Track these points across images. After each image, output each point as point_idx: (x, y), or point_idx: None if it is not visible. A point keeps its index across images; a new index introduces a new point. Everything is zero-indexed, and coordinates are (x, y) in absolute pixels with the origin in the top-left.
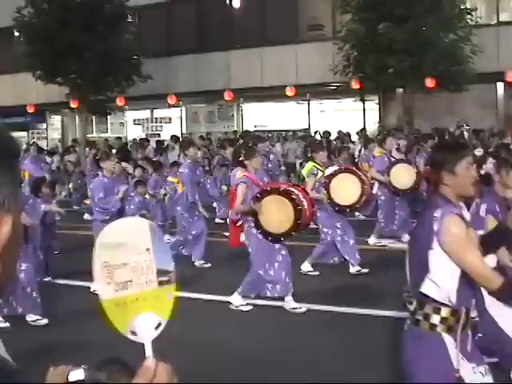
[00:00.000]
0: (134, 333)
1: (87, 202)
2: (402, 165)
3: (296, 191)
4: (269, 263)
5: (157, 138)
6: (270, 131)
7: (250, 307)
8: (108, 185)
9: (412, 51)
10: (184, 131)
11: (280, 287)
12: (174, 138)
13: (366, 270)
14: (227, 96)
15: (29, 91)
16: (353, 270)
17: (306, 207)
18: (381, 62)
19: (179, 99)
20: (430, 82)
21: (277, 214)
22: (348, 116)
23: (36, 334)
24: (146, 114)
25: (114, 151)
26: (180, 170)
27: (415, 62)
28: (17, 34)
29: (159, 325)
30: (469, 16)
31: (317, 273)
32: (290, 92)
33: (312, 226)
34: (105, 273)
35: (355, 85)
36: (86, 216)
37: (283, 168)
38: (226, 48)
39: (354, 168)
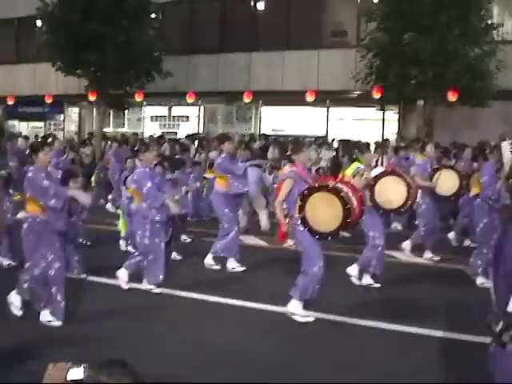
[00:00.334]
0: None
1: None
2: (445, 170)
3: (345, 188)
4: (321, 260)
5: (173, 136)
6: (287, 136)
7: (311, 319)
8: (151, 175)
9: (436, 62)
10: (201, 130)
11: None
12: (190, 137)
13: (377, 285)
14: (247, 97)
15: (48, 82)
16: (365, 281)
17: (355, 205)
18: (404, 71)
19: (198, 98)
20: (452, 95)
21: (325, 212)
22: (367, 125)
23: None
24: (163, 110)
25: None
26: (216, 161)
27: (438, 73)
28: (39, 23)
29: None
30: (495, 31)
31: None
32: (310, 97)
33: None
34: None
35: (376, 94)
36: (108, 206)
37: None
38: (248, 49)
39: (401, 171)
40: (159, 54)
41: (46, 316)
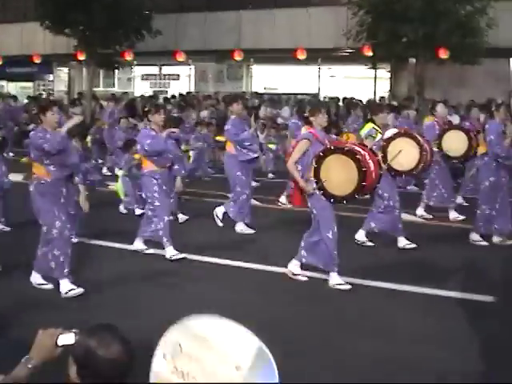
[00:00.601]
0: None
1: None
2: (453, 131)
3: (362, 151)
4: (336, 226)
5: (164, 95)
6: (278, 94)
7: (348, 286)
8: (156, 138)
9: (426, 20)
10: (192, 89)
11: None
12: (181, 95)
13: (371, 244)
14: (237, 56)
15: (36, 41)
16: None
17: (371, 169)
18: (394, 29)
19: (188, 57)
20: (442, 53)
21: (340, 175)
22: (358, 83)
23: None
24: (154, 70)
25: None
26: (225, 127)
27: (429, 31)
28: None
29: None
30: None
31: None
32: (300, 55)
33: None
34: (171, 351)
35: (367, 51)
36: (105, 171)
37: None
38: (237, 7)
39: (415, 132)
40: (148, 12)
41: (66, 285)
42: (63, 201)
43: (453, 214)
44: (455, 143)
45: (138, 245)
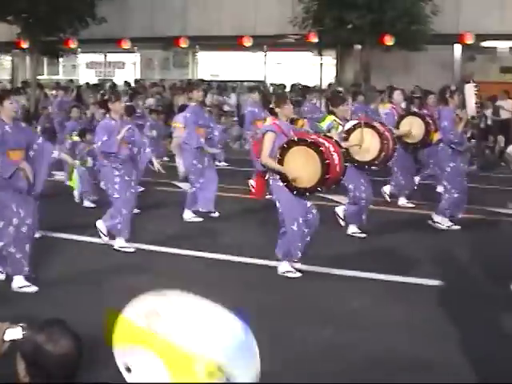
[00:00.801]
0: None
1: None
2: (410, 117)
3: (327, 143)
4: (302, 217)
5: (109, 83)
6: (224, 81)
7: (298, 274)
8: (116, 128)
9: (372, 7)
10: (138, 77)
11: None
12: (127, 83)
13: (363, 235)
14: (183, 43)
15: None
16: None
17: (335, 162)
18: (340, 16)
19: (133, 44)
20: (388, 40)
21: (303, 167)
22: (305, 70)
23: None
24: (99, 57)
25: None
26: (183, 114)
27: (375, 18)
28: None
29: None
30: None
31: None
32: (247, 42)
33: None
34: (146, 311)
35: (313, 38)
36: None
37: (235, 119)
38: None
39: (375, 123)
40: None
41: (20, 282)
42: (23, 195)
43: (402, 200)
44: (412, 129)
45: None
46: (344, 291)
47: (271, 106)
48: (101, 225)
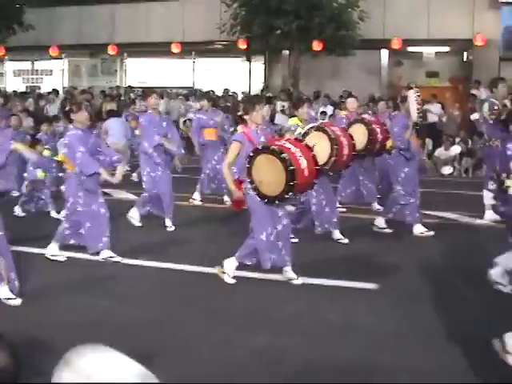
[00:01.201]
0: None
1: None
2: (356, 124)
3: (293, 148)
4: (271, 228)
5: (37, 91)
6: (153, 88)
7: (234, 281)
8: (84, 137)
9: (300, 13)
10: (66, 84)
11: (277, 258)
12: (55, 91)
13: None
14: (111, 50)
15: None
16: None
17: (303, 166)
18: (268, 22)
19: (62, 51)
20: (316, 45)
21: (269, 175)
22: (233, 76)
23: None
24: (26, 65)
25: None
26: (140, 120)
27: (303, 24)
28: None
29: None
30: None
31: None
32: (175, 49)
33: None
34: None
35: (242, 44)
36: None
37: None
38: (111, 1)
39: (328, 127)
40: (20, 6)
41: (5, 292)
42: None
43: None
44: (356, 136)
45: (107, 253)
46: (280, 296)
47: (239, 113)
48: (52, 248)
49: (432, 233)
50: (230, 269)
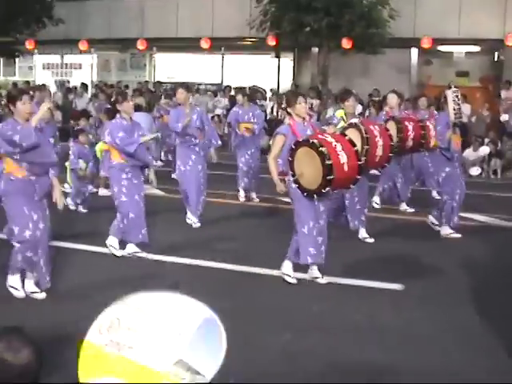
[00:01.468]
0: None
1: None
2: (389, 122)
3: (334, 143)
4: (313, 222)
5: (66, 85)
6: (181, 83)
7: (294, 281)
8: (128, 128)
9: (330, 11)
10: (95, 79)
11: (316, 253)
12: (84, 85)
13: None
14: (140, 45)
15: None
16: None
17: (342, 161)
18: (298, 19)
19: (91, 45)
20: (346, 43)
21: (308, 168)
22: (262, 72)
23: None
24: (56, 59)
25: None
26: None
27: (333, 21)
28: None
29: None
30: None
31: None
32: (204, 44)
33: None
34: (108, 325)
35: (271, 41)
36: None
37: None
38: None
39: (364, 124)
40: (50, 0)
41: (30, 286)
42: (36, 199)
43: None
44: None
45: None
46: (305, 295)
47: (283, 106)
48: (111, 240)
49: (459, 235)
50: (287, 270)
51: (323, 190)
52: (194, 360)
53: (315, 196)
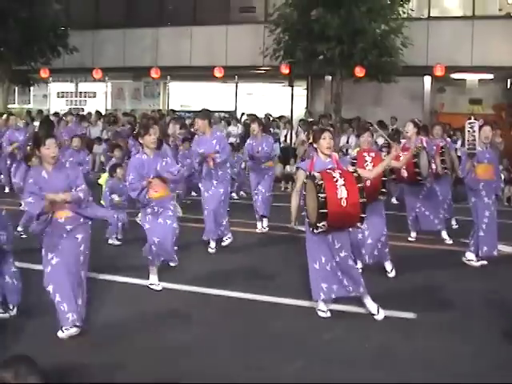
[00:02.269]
0: None
1: None
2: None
3: (337, 177)
4: (326, 257)
5: (80, 113)
6: (195, 112)
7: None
8: (147, 163)
9: (343, 39)
10: (109, 107)
11: (338, 288)
12: (98, 113)
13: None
14: (154, 73)
15: None
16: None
17: (339, 196)
18: (311, 48)
19: (105, 74)
20: (359, 71)
21: (310, 202)
22: (275, 100)
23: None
24: (70, 87)
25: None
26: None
27: (346, 50)
28: None
29: None
30: (401, 8)
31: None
32: (218, 73)
33: None
34: None
35: (284, 69)
36: None
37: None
38: (156, 24)
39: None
40: (64, 29)
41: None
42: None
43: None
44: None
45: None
46: (317, 323)
47: (310, 140)
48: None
49: (479, 264)
50: (320, 306)
51: (318, 224)
52: None
53: (314, 231)
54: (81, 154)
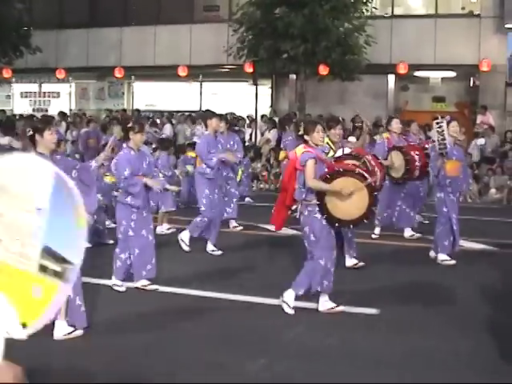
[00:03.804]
0: None
1: None
2: (394, 152)
3: (374, 170)
4: (331, 254)
5: (44, 113)
6: (160, 111)
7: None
8: (135, 159)
9: (307, 37)
10: (73, 107)
11: (327, 283)
12: (62, 113)
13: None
14: (118, 73)
15: None
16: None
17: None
18: (275, 46)
19: (69, 74)
20: (323, 69)
21: (349, 199)
22: (240, 99)
23: None
24: (33, 87)
25: None
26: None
27: (310, 48)
28: None
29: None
30: (364, 6)
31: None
32: (182, 72)
33: None
34: None
35: (248, 68)
36: None
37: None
38: (120, 24)
39: (361, 154)
40: (27, 28)
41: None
42: None
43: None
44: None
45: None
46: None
47: (300, 133)
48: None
49: (453, 262)
50: (326, 305)
51: (365, 220)
52: (56, 244)
53: (350, 226)
54: None
